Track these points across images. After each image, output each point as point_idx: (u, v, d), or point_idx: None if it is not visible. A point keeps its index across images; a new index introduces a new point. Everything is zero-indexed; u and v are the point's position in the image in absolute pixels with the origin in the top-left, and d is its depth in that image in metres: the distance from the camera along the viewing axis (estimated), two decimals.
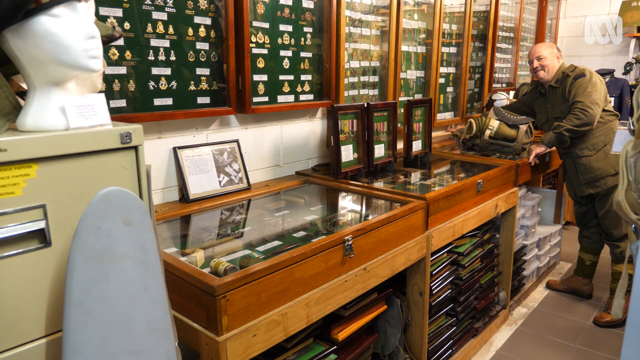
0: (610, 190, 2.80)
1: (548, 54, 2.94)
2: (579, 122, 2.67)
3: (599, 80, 2.78)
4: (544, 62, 2.92)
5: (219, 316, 1.19)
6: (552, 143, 2.79)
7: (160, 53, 1.75)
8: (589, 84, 2.73)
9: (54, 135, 0.84)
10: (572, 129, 2.70)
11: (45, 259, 0.86)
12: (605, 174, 2.78)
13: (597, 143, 2.78)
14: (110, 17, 1.60)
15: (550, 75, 2.93)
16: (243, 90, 2.02)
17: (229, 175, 2.04)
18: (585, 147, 2.81)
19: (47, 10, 0.82)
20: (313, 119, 2.52)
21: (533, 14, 4.65)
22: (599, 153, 2.79)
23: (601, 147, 2.78)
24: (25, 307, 0.85)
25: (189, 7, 1.82)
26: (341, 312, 1.75)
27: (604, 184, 2.79)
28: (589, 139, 2.79)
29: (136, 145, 0.94)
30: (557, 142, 2.79)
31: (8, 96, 0.88)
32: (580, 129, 2.69)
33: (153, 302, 0.93)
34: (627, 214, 1.26)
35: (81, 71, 0.88)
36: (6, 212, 0.81)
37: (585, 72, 2.78)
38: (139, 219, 0.89)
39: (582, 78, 2.76)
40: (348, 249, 1.56)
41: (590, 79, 2.75)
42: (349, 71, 2.61)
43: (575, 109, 2.71)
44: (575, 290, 3.23)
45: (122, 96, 1.67)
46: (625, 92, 4.43)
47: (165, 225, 1.75)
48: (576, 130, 2.69)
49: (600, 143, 2.78)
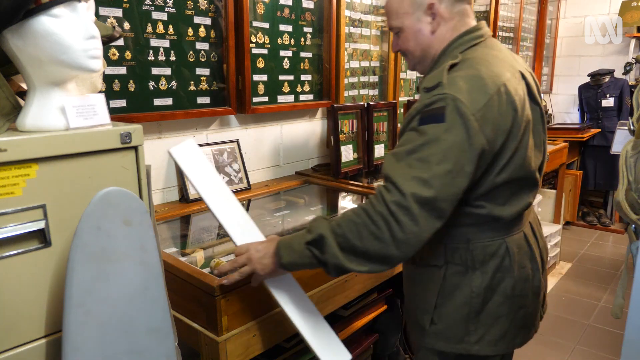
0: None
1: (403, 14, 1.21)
2: (353, 243, 1.04)
3: (471, 114, 1.02)
4: (400, 34, 1.23)
5: (218, 316, 1.19)
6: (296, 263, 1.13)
7: (160, 53, 1.75)
8: (431, 130, 1.02)
9: (53, 135, 0.84)
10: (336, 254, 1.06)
11: (45, 259, 0.86)
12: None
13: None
14: (110, 17, 1.60)
15: (419, 64, 1.27)
16: (243, 90, 2.02)
17: (229, 175, 2.04)
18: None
19: (47, 10, 0.82)
20: (313, 119, 2.52)
21: (533, 14, 4.65)
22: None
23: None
24: (25, 308, 0.85)
25: (189, 7, 1.82)
26: (341, 312, 1.75)
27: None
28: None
29: (136, 145, 0.94)
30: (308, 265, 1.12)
31: (8, 96, 0.88)
32: (348, 263, 1.06)
33: (153, 302, 0.93)
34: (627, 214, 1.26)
35: (81, 71, 0.88)
36: (6, 212, 0.81)
37: (444, 87, 1.04)
38: (139, 219, 0.89)
39: (432, 105, 1.04)
40: None
41: (444, 112, 1.02)
42: (349, 71, 2.61)
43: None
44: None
45: (122, 96, 1.67)
46: (625, 92, 4.43)
47: (165, 225, 1.75)
48: (343, 264, 1.06)
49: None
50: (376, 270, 1.05)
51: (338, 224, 1.05)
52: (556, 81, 5.27)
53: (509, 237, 1.17)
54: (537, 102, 1.19)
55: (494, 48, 1.16)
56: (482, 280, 1.16)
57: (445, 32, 1.17)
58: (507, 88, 1.06)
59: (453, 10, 1.15)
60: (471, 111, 1.00)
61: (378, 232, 0.99)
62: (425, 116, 1.03)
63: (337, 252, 1.04)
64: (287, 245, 1.11)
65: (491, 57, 1.11)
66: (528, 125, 1.12)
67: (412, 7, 1.17)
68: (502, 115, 1.04)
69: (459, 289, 1.17)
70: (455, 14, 1.16)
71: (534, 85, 1.21)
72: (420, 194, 0.97)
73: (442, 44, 1.17)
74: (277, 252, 1.12)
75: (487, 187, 1.09)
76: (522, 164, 1.11)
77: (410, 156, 1.01)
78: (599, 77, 4.51)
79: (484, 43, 1.16)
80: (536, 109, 1.18)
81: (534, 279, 1.22)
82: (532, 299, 1.22)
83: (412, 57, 1.24)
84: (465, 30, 1.16)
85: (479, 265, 1.16)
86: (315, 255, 1.07)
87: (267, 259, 1.13)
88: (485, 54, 1.12)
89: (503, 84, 1.06)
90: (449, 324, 1.18)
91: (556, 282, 3.50)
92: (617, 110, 4.46)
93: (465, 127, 0.99)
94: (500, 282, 1.16)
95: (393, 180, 1.00)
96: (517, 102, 1.07)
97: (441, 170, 0.98)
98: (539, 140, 1.19)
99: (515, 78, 1.12)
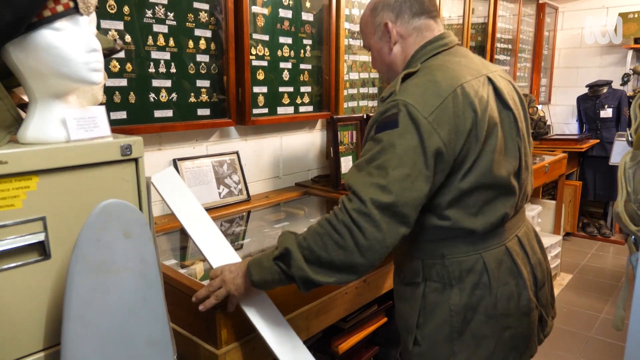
0: None
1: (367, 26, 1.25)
2: (318, 254, 1.03)
3: (425, 120, 1.02)
4: (371, 53, 1.29)
5: (218, 329, 1.18)
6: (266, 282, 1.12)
7: (160, 65, 1.76)
8: (386, 137, 1.03)
9: (54, 147, 0.85)
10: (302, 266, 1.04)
11: (44, 271, 0.86)
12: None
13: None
14: (112, 30, 1.61)
15: (388, 80, 1.29)
16: (243, 102, 2.03)
17: (228, 186, 2.04)
18: None
19: (49, 24, 0.82)
20: (312, 131, 2.53)
21: (531, 25, 4.69)
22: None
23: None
24: (24, 320, 0.85)
25: (190, 20, 1.83)
26: (341, 324, 1.74)
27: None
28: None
29: (136, 157, 0.94)
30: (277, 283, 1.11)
31: (9, 109, 0.89)
32: (315, 275, 1.04)
33: (152, 314, 0.92)
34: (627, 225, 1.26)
35: (82, 84, 0.88)
36: (6, 224, 0.80)
37: (397, 94, 1.06)
38: (139, 231, 0.89)
39: (386, 113, 1.06)
40: None
41: (396, 121, 1.03)
42: (349, 83, 2.62)
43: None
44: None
45: (122, 108, 1.68)
46: (624, 103, 4.45)
47: (164, 237, 1.75)
48: (312, 277, 1.04)
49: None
50: (344, 280, 1.04)
51: (304, 237, 1.05)
52: (554, 92, 5.30)
53: (486, 251, 1.13)
54: (508, 107, 1.16)
55: (457, 55, 1.16)
56: (460, 297, 1.13)
57: (405, 48, 1.20)
58: (464, 89, 1.06)
59: (410, 27, 1.18)
60: (423, 114, 1.00)
61: (342, 241, 0.99)
62: (380, 124, 1.05)
63: (303, 264, 1.03)
64: (256, 262, 1.11)
65: (451, 63, 1.12)
66: (494, 129, 1.09)
67: (373, 28, 1.22)
68: (460, 117, 1.04)
69: (439, 307, 1.15)
70: (413, 30, 1.18)
71: (507, 89, 1.19)
72: (379, 200, 0.97)
73: (404, 59, 1.20)
74: (247, 270, 1.11)
75: (454, 194, 1.08)
76: (488, 169, 1.08)
77: (369, 165, 1.02)
78: (597, 88, 4.53)
79: (447, 51, 1.17)
80: (508, 114, 1.15)
81: (520, 297, 1.16)
82: (519, 318, 1.17)
83: (382, 74, 1.29)
84: (427, 41, 1.17)
85: (456, 282, 1.13)
86: (283, 270, 1.06)
87: (239, 278, 1.12)
88: (445, 60, 1.13)
89: (459, 85, 1.06)
90: (432, 344, 1.16)
91: (557, 293, 3.48)
92: (616, 121, 4.48)
93: (418, 130, 1.00)
94: (480, 300, 1.13)
95: (354, 189, 1.01)
96: (477, 104, 1.06)
97: (398, 174, 0.98)
98: (513, 145, 1.15)
99: (479, 81, 1.11)
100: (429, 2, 1.20)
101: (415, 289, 1.19)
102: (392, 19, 1.18)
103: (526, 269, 1.20)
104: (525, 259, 1.21)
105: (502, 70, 1.27)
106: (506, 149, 1.13)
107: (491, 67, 1.22)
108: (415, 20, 1.18)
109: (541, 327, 1.27)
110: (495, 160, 1.09)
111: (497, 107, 1.13)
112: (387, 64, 1.24)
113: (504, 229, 1.17)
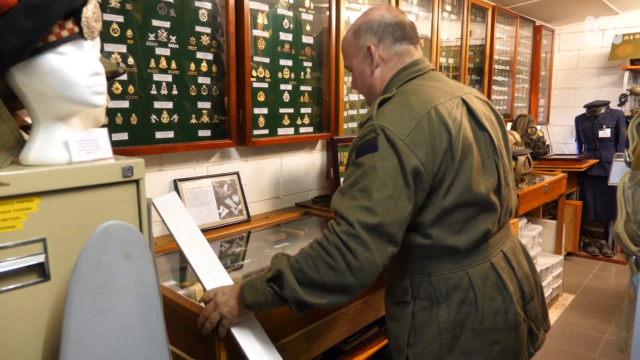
0: None
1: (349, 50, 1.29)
2: (310, 275, 1.03)
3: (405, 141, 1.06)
4: (352, 74, 1.32)
5: (217, 350, 1.17)
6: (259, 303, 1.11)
7: (162, 87, 1.79)
8: (367, 161, 1.06)
9: (56, 169, 0.85)
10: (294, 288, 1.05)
11: (43, 293, 0.86)
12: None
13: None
14: (115, 53, 1.64)
15: (369, 101, 1.34)
16: (244, 123, 2.05)
17: (228, 207, 2.04)
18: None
19: (54, 48, 0.84)
20: (313, 151, 2.54)
21: (528, 47, 4.76)
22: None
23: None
24: (22, 343, 0.84)
25: (192, 43, 1.86)
26: (341, 346, 1.72)
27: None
28: None
29: (137, 178, 0.95)
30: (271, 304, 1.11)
31: (12, 131, 0.90)
32: (308, 296, 1.04)
33: (152, 336, 0.92)
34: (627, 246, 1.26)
35: (85, 107, 0.90)
36: (6, 246, 0.81)
37: (374, 119, 1.10)
38: (139, 252, 0.89)
39: (365, 137, 1.09)
40: None
41: (374, 144, 1.06)
42: (348, 104, 2.65)
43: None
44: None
45: (124, 129, 1.70)
46: (622, 123, 4.48)
47: (164, 258, 1.74)
48: (304, 299, 1.04)
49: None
50: (336, 301, 1.04)
51: (296, 259, 1.07)
52: (553, 112, 5.34)
53: (471, 268, 1.16)
54: (483, 127, 1.19)
55: (431, 79, 1.21)
56: (448, 314, 1.14)
57: (386, 72, 1.24)
58: (438, 111, 1.10)
59: (391, 52, 1.23)
60: (399, 137, 1.04)
61: (333, 263, 1.01)
62: (360, 149, 1.08)
63: (295, 286, 1.04)
64: (249, 285, 1.12)
65: (425, 87, 1.16)
66: (469, 148, 1.12)
67: (356, 50, 1.26)
68: (435, 137, 1.08)
69: (428, 325, 1.16)
70: (394, 54, 1.23)
71: (482, 110, 1.23)
72: (366, 221, 1.00)
73: (383, 83, 1.24)
74: (240, 292, 1.12)
75: (437, 212, 1.11)
76: (467, 187, 1.11)
77: (353, 189, 1.05)
78: (595, 109, 4.57)
79: (422, 76, 1.21)
80: (484, 134, 1.19)
81: (507, 311, 1.18)
82: (507, 332, 1.18)
83: (363, 94, 1.34)
84: (402, 67, 1.22)
85: (443, 299, 1.15)
86: (276, 291, 1.07)
87: (232, 300, 1.13)
88: (419, 85, 1.17)
89: (433, 107, 1.10)
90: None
91: (560, 314, 3.45)
92: (614, 141, 4.51)
93: (396, 152, 1.04)
94: (468, 316, 1.15)
95: (340, 213, 1.04)
96: (451, 124, 1.10)
97: (382, 195, 1.01)
98: (490, 163, 1.18)
99: (452, 102, 1.15)
100: (410, 29, 1.24)
101: (405, 308, 1.20)
102: (374, 43, 1.22)
103: (512, 284, 1.21)
104: (511, 273, 1.23)
105: (477, 92, 1.32)
106: (484, 167, 1.17)
107: (466, 90, 1.26)
108: (397, 45, 1.22)
109: (531, 341, 1.28)
110: (474, 178, 1.12)
111: (470, 127, 1.17)
112: (368, 85, 1.28)
113: (487, 245, 1.19)
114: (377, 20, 1.22)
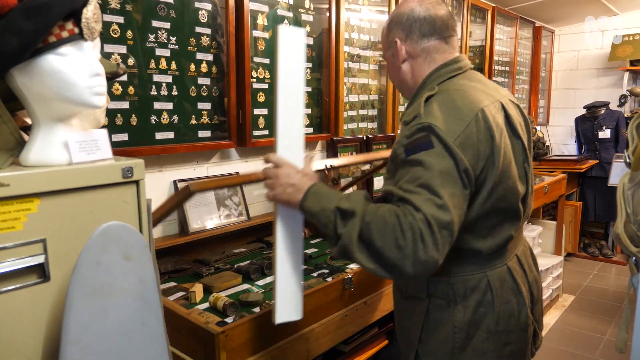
0: None
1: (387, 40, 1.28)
2: (373, 238, 0.99)
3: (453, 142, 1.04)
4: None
5: (217, 352, 1.17)
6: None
7: (162, 88, 1.79)
8: (423, 158, 1.02)
9: (55, 170, 0.85)
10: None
11: (43, 294, 0.86)
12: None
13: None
14: (115, 54, 1.64)
15: (402, 92, 1.33)
16: (243, 124, 2.05)
17: (229, 208, 2.04)
18: None
19: (54, 49, 0.84)
20: (313, 152, 2.54)
21: (528, 48, 4.76)
22: None
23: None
24: (21, 344, 0.84)
25: (192, 44, 1.86)
26: (342, 347, 1.72)
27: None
28: None
29: (137, 179, 0.95)
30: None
31: (12, 132, 0.90)
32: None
33: (151, 337, 0.92)
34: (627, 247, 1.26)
35: (85, 107, 0.90)
36: (6, 246, 0.81)
37: (422, 117, 1.06)
38: (139, 253, 0.89)
39: (415, 135, 1.06)
40: (348, 283, 1.55)
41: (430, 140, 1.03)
42: (348, 105, 2.65)
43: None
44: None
45: (124, 130, 1.69)
46: (621, 124, 4.48)
47: None
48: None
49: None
50: (379, 273, 0.98)
51: (371, 212, 0.99)
52: (552, 113, 5.34)
53: (490, 270, 1.15)
54: (517, 135, 1.17)
55: (472, 79, 1.18)
56: (464, 315, 1.14)
57: (416, 67, 1.20)
58: (484, 114, 1.07)
59: (418, 48, 1.18)
60: (450, 138, 1.00)
61: (403, 243, 0.93)
62: (410, 147, 1.02)
63: (354, 235, 0.98)
64: (318, 193, 1.07)
65: (468, 87, 1.13)
66: (509, 156, 1.11)
67: (387, 43, 1.24)
68: (481, 142, 1.05)
69: (442, 324, 1.15)
70: (422, 51, 1.18)
71: (517, 117, 1.20)
72: (440, 218, 0.94)
73: (415, 79, 1.21)
74: (306, 193, 1.07)
75: (471, 217, 1.08)
76: (504, 195, 1.09)
77: (413, 184, 0.98)
78: (595, 110, 4.57)
79: (462, 75, 1.18)
80: (518, 142, 1.17)
81: (520, 314, 1.18)
82: (518, 335, 1.18)
83: (395, 85, 1.32)
84: (443, 64, 1.18)
85: (461, 300, 1.14)
86: (336, 223, 1.01)
87: (292, 189, 1.08)
88: (462, 84, 1.14)
89: (480, 109, 1.07)
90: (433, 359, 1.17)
91: (559, 315, 3.45)
92: (614, 142, 4.50)
93: (450, 152, 0.99)
94: (483, 317, 1.14)
95: (412, 202, 0.95)
96: (495, 130, 1.07)
97: (447, 193, 0.96)
98: (522, 172, 1.17)
99: (494, 107, 1.12)
100: (441, 23, 1.18)
101: (418, 304, 1.19)
102: (402, 37, 1.19)
103: (525, 287, 1.22)
104: (524, 277, 1.23)
105: (510, 94, 1.28)
106: (518, 175, 1.15)
107: (502, 92, 1.23)
108: (424, 41, 1.18)
109: (533, 341, 1.29)
110: (511, 187, 1.11)
111: (508, 133, 1.14)
112: (398, 80, 1.26)
113: (506, 249, 1.19)
114: (407, 14, 1.18)
